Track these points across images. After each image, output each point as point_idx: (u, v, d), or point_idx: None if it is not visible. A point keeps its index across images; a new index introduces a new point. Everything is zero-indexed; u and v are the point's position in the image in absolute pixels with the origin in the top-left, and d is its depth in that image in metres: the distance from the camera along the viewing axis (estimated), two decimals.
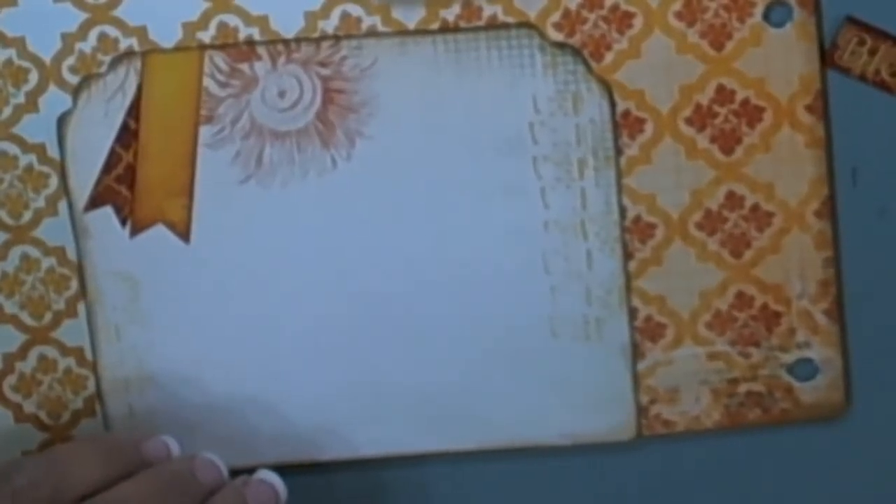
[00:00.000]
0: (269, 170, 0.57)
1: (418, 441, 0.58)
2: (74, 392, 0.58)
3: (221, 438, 0.58)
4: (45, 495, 0.51)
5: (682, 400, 0.58)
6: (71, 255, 0.57)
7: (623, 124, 0.56)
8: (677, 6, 0.55)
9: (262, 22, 0.56)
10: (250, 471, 0.55)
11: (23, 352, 0.58)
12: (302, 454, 0.58)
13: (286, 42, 0.56)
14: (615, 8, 0.55)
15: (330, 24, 0.56)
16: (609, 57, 0.56)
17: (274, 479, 0.54)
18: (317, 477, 0.59)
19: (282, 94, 0.56)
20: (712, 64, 0.56)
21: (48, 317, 0.58)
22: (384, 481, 0.59)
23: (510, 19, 0.56)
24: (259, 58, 0.56)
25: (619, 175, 0.56)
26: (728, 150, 0.56)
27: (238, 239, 0.57)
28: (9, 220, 0.57)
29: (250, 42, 0.56)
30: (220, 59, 0.56)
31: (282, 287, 0.57)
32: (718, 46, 0.56)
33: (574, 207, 0.57)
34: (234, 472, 0.55)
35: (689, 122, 0.56)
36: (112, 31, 0.56)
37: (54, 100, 0.56)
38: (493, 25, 0.56)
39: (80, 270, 0.57)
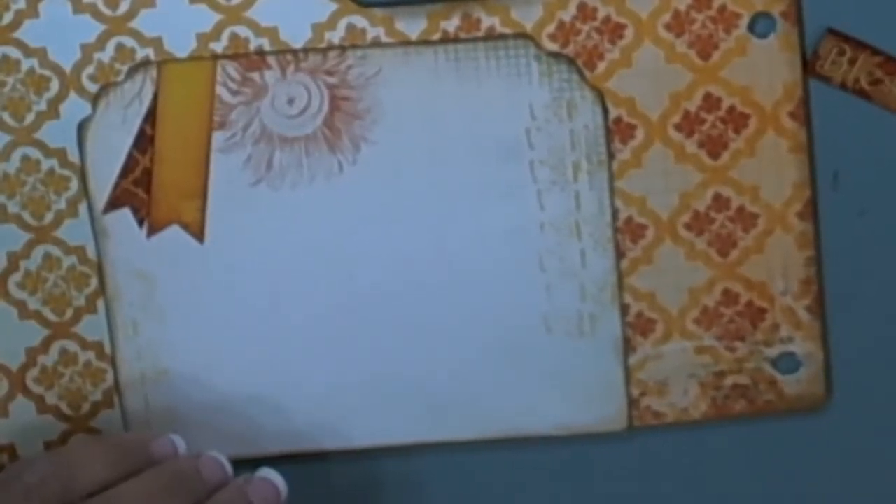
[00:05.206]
0: (279, 173, 0.57)
1: (418, 431, 0.58)
2: (94, 384, 0.59)
3: (230, 429, 0.58)
4: (55, 492, 0.51)
5: (672, 392, 0.58)
6: (91, 254, 0.58)
7: (615, 130, 0.57)
8: (667, 18, 0.56)
9: (272, 33, 0.56)
10: (254, 464, 0.54)
11: (45, 346, 0.58)
12: (305, 445, 0.59)
13: (294, 52, 0.56)
14: (607, 20, 0.56)
15: (336, 35, 0.56)
16: (602, 66, 0.56)
17: (275, 476, 0.54)
18: (318, 466, 0.59)
19: (290, 102, 0.57)
20: (700, 73, 0.56)
21: (69, 312, 0.58)
22: (384, 470, 0.59)
23: (507, 30, 0.56)
24: (269, 67, 0.57)
25: (612, 178, 0.57)
26: (715, 155, 0.57)
27: (249, 239, 0.58)
28: (32, 221, 0.58)
29: (260, 52, 0.56)
30: (231, 68, 0.57)
31: (289, 284, 0.58)
32: (706, 56, 0.56)
33: (569, 209, 0.57)
34: (240, 462, 0.55)
35: (677, 127, 0.57)
36: (129, 42, 0.57)
37: (74, 107, 0.57)
38: (492, 36, 0.56)
39: (99, 269, 0.58)
